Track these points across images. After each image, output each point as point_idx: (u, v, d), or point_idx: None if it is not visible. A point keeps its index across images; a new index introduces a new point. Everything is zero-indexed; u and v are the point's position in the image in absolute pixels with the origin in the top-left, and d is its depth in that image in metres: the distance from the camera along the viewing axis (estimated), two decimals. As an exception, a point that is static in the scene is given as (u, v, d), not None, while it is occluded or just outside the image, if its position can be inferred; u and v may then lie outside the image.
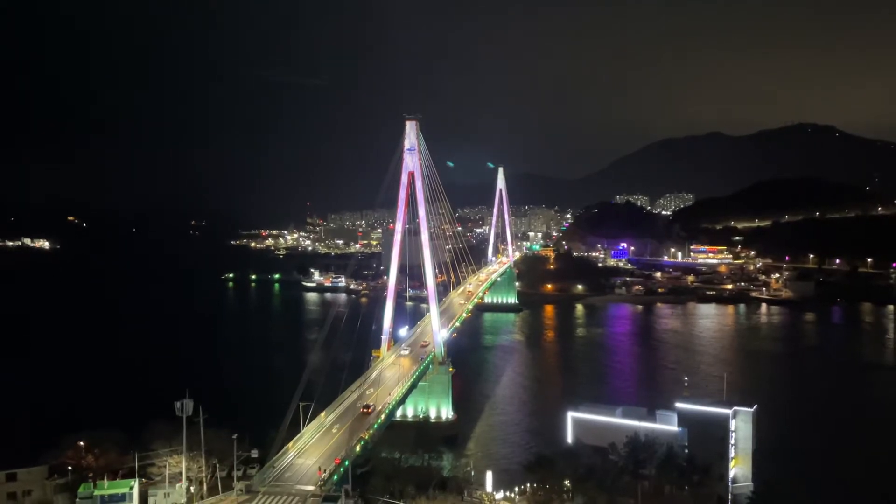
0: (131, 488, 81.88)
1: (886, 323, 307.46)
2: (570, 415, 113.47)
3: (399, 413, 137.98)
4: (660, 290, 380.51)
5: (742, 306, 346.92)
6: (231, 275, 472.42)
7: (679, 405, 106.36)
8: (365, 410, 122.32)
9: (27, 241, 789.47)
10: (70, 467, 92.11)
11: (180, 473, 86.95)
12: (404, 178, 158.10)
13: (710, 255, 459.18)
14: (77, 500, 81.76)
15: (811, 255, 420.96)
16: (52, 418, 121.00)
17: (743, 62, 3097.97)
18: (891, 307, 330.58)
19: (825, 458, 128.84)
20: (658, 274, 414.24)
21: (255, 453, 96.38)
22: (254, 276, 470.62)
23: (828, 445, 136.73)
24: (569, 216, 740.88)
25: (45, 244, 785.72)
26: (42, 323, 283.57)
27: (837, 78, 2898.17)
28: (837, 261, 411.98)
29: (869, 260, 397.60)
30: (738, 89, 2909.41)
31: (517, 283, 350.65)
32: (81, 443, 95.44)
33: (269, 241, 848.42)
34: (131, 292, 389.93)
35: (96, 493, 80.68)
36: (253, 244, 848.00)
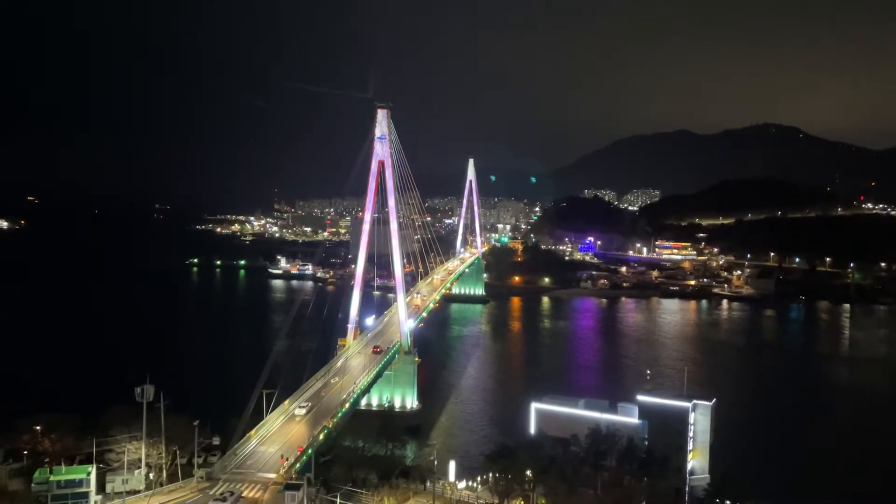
0: (88, 474, 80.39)
1: (842, 321, 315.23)
2: (534, 406, 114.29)
3: (364, 402, 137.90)
4: (624, 284, 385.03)
5: (704, 302, 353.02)
6: (195, 260, 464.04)
7: (640, 398, 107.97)
8: (376, 350, 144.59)
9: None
10: (25, 452, 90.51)
11: (139, 460, 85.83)
12: (374, 167, 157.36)
13: (675, 251, 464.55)
14: (32, 485, 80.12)
15: (772, 254, 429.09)
16: (7, 401, 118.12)
17: (712, 62, 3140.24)
18: (847, 306, 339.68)
19: (780, 451, 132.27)
20: (623, 268, 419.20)
21: (216, 440, 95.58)
22: (219, 262, 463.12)
23: (783, 439, 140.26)
24: (537, 209, 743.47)
25: (4, 224, 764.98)
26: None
27: (803, 81, 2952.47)
28: (797, 259, 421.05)
29: (828, 259, 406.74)
30: (707, 88, 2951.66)
31: (485, 275, 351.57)
32: (38, 427, 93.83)
33: (236, 227, 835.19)
34: (91, 275, 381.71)
35: (52, 478, 79.08)
36: (219, 229, 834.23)
